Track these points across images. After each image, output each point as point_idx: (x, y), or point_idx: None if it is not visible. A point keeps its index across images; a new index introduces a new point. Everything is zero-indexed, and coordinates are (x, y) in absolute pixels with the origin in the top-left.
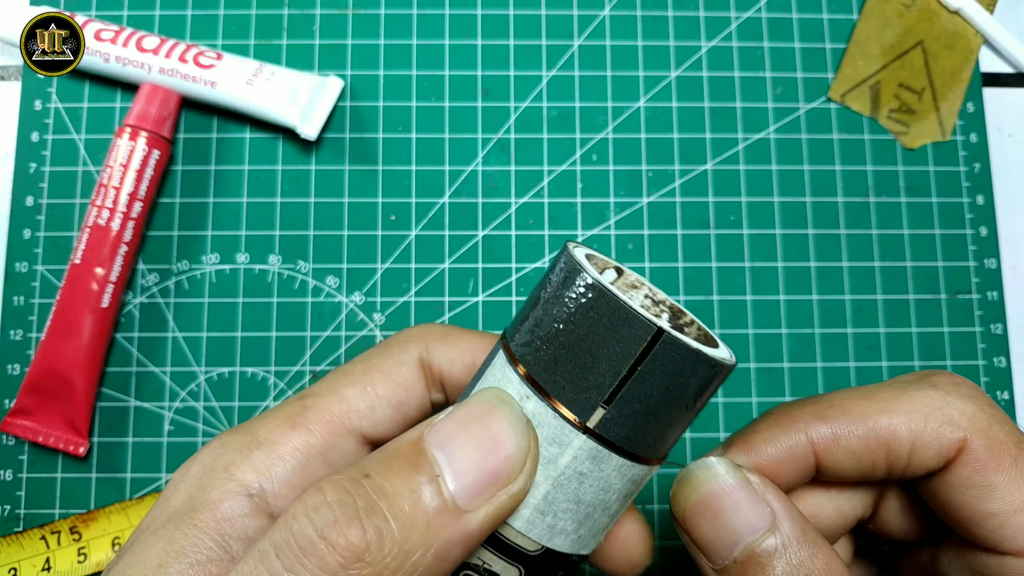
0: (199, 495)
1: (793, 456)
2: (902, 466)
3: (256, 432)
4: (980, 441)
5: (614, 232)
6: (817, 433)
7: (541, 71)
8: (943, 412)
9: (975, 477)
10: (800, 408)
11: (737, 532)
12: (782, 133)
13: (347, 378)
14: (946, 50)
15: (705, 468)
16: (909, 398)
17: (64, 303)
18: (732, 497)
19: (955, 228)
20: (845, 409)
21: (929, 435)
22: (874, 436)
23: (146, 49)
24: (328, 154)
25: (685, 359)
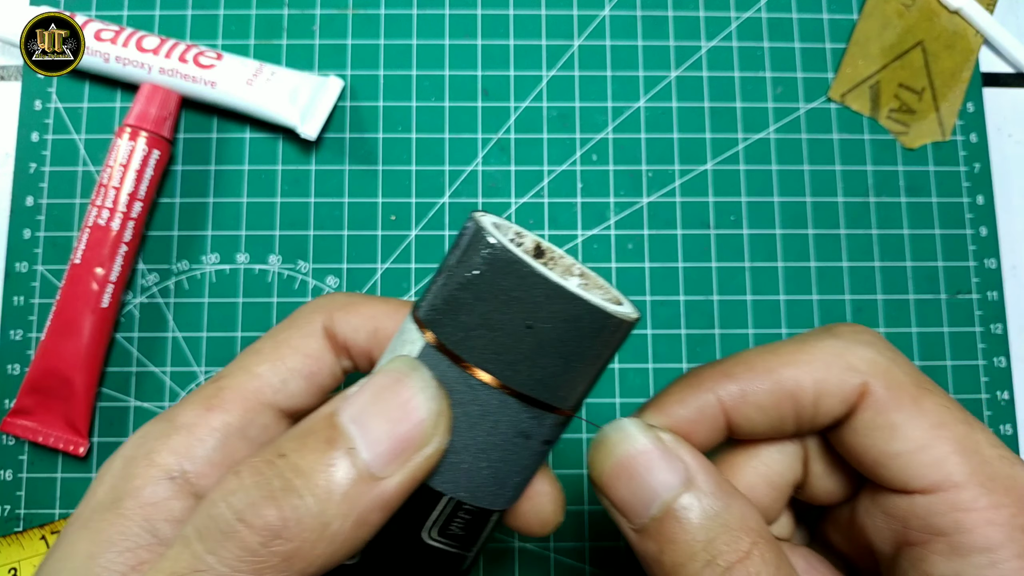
0: (122, 484)
1: (704, 415)
2: (810, 416)
3: (174, 418)
4: (880, 384)
5: (614, 232)
6: (725, 391)
7: (541, 71)
8: (843, 359)
9: (878, 419)
10: (709, 369)
11: (653, 490)
12: (782, 133)
13: (257, 356)
14: (946, 50)
15: (619, 430)
16: (811, 349)
17: (64, 303)
18: (646, 456)
19: (955, 228)
20: (751, 365)
21: (831, 382)
22: (779, 388)
23: (146, 49)
24: (328, 154)
25: (572, 306)
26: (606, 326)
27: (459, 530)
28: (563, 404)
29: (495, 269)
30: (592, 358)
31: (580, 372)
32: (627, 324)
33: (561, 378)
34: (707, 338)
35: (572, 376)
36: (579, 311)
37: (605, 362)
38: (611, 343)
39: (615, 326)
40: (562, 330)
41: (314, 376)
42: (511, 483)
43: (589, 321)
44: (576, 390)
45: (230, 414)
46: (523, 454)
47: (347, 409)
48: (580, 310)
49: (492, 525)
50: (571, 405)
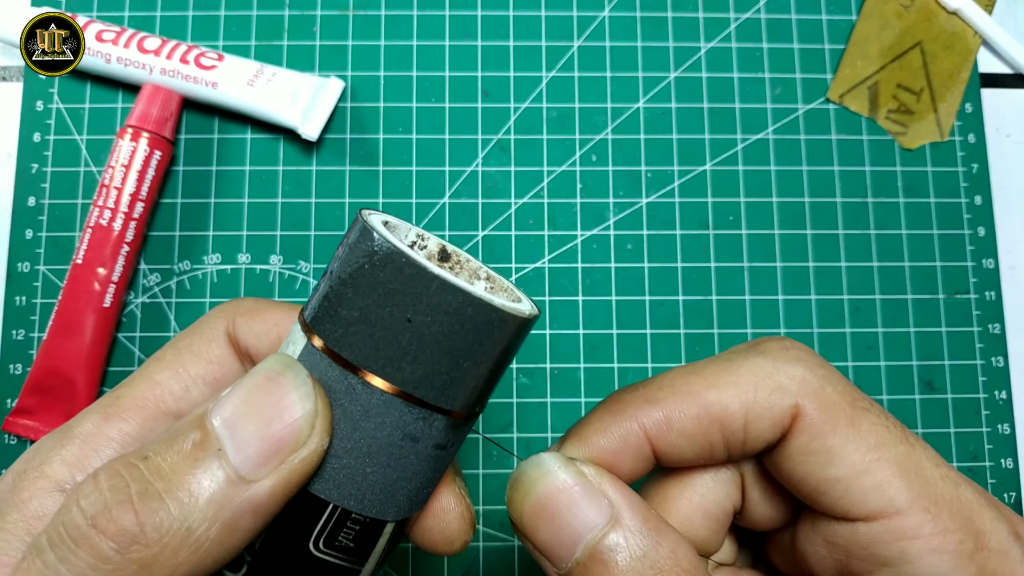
0: (9, 498)
1: (627, 444)
2: (739, 442)
3: (70, 429)
4: (812, 405)
5: (613, 232)
6: (648, 418)
7: (541, 72)
8: (772, 379)
9: (812, 443)
10: (631, 393)
11: (576, 531)
12: (781, 134)
13: (158, 363)
14: (944, 51)
15: (537, 466)
16: (737, 369)
17: (66, 303)
18: (567, 494)
19: (953, 228)
20: (675, 389)
21: (760, 405)
22: (705, 414)
23: (147, 50)
24: (329, 155)
25: (453, 298)
26: (491, 320)
27: (349, 542)
28: (452, 405)
29: (373, 262)
30: (481, 355)
31: (469, 371)
32: (517, 320)
33: (447, 376)
34: (706, 338)
35: (460, 375)
36: (461, 303)
37: (498, 361)
38: (500, 340)
39: (502, 320)
40: (445, 324)
41: (218, 383)
42: (403, 491)
43: (473, 314)
44: (466, 390)
45: (129, 423)
46: (413, 459)
47: (217, 410)
48: (462, 302)
49: (388, 537)
50: (462, 406)
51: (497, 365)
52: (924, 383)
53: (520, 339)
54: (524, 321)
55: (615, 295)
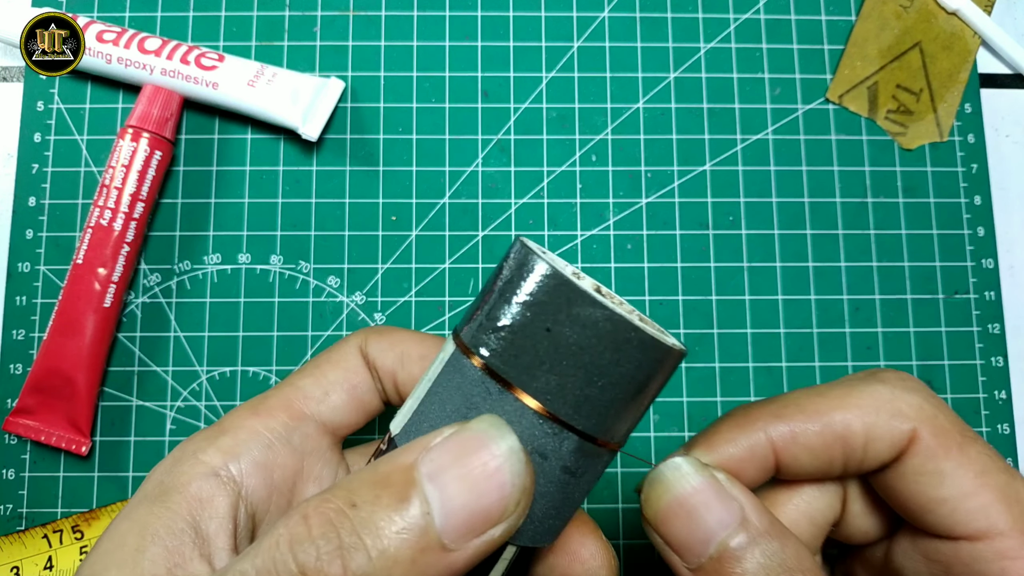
0: (169, 480)
1: (754, 455)
2: (858, 460)
3: (222, 423)
4: (928, 430)
5: (613, 232)
6: (776, 431)
7: (541, 72)
8: (892, 405)
9: (926, 465)
10: (759, 408)
11: (710, 529)
12: (780, 134)
13: (299, 374)
14: (944, 51)
15: (674, 468)
16: (860, 393)
17: (66, 303)
18: (702, 495)
19: (953, 228)
20: (801, 407)
21: (881, 427)
22: (830, 431)
23: (148, 50)
24: (329, 155)
25: (596, 313)
26: (630, 340)
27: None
28: (584, 425)
29: (547, 290)
30: (617, 376)
31: (604, 390)
32: (657, 345)
33: (581, 392)
34: (706, 337)
35: (594, 392)
36: (600, 317)
37: (636, 388)
38: (638, 364)
39: (641, 343)
40: (582, 336)
41: (355, 389)
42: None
43: (611, 330)
44: (599, 412)
45: (275, 419)
46: (540, 478)
47: (427, 464)
48: (601, 316)
49: (508, 564)
50: (595, 429)
51: (635, 392)
52: (924, 383)
53: (660, 370)
54: (665, 349)
55: None
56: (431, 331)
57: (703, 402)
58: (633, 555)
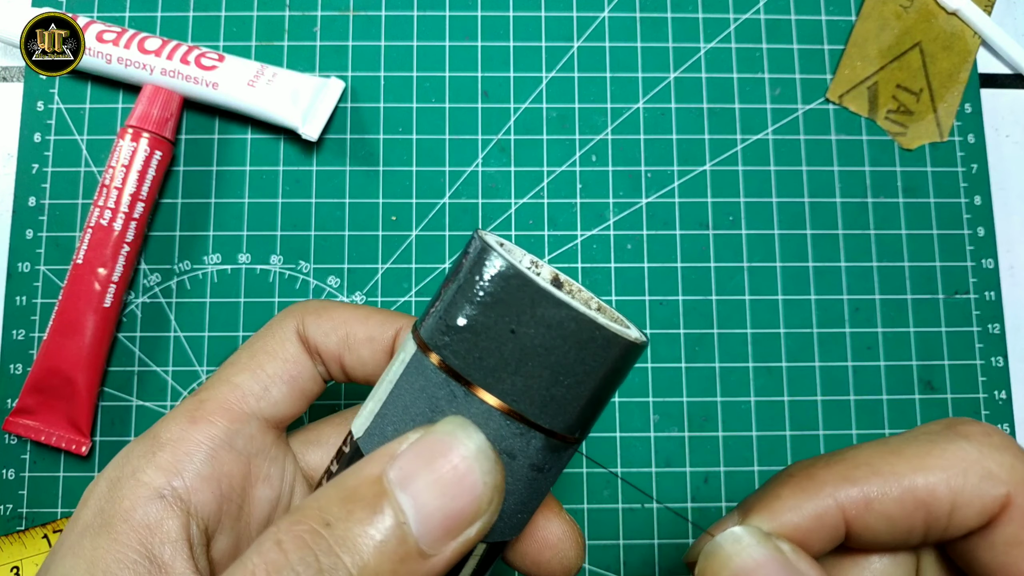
0: (110, 507)
1: (822, 523)
2: (941, 528)
3: (158, 435)
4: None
5: (613, 232)
6: (847, 496)
7: (541, 72)
8: (981, 466)
9: (1021, 534)
10: (825, 469)
11: None
12: (780, 134)
13: (235, 367)
14: (944, 51)
15: (735, 541)
16: (942, 452)
17: (66, 303)
18: (766, 569)
19: (953, 228)
20: (875, 468)
21: (970, 492)
22: (911, 497)
23: (148, 50)
24: (329, 155)
25: (560, 313)
26: (595, 338)
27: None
28: (551, 424)
29: (483, 275)
30: (582, 374)
31: (569, 389)
32: (620, 341)
33: (547, 392)
34: (706, 337)
35: (560, 392)
36: (564, 317)
37: (600, 384)
38: (603, 360)
39: (605, 340)
40: (547, 337)
41: (295, 380)
42: (519, 513)
43: (575, 330)
44: (565, 410)
45: (215, 426)
46: (508, 477)
47: (395, 471)
48: (565, 316)
49: (479, 560)
50: (561, 427)
51: (599, 388)
52: (924, 383)
53: (624, 364)
54: (628, 344)
55: (615, 295)
56: None
57: (703, 402)
58: (633, 554)
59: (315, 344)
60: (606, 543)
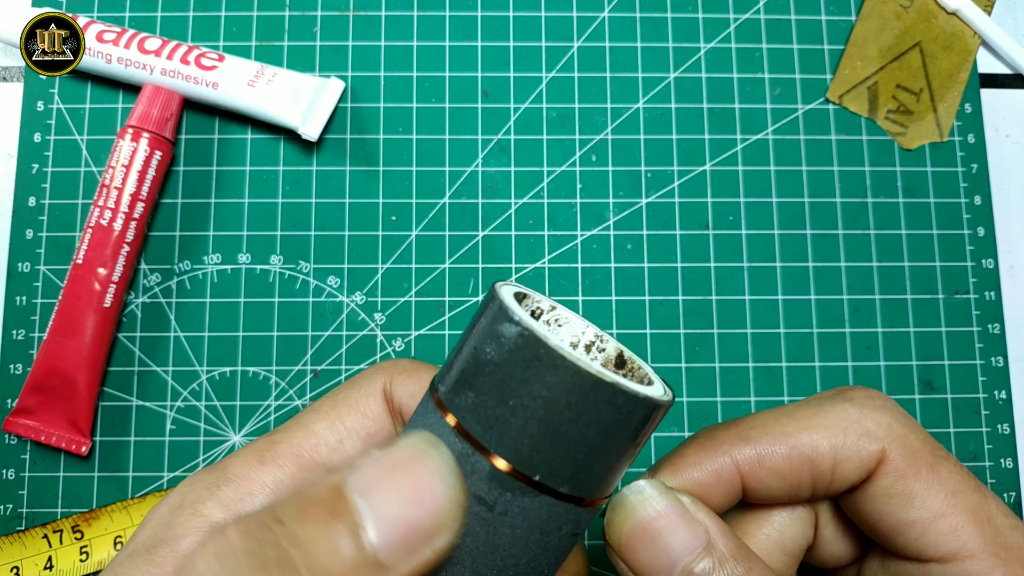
0: (162, 531)
1: (720, 479)
2: (826, 482)
3: (225, 469)
4: (898, 451)
5: (613, 232)
6: (741, 455)
7: (541, 72)
8: (861, 425)
9: (896, 486)
10: (724, 431)
11: (675, 553)
12: (780, 134)
13: (315, 414)
14: (944, 51)
15: (638, 492)
16: (827, 414)
17: (66, 303)
18: (667, 519)
19: (953, 228)
20: (767, 429)
21: (849, 448)
22: (797, 454)
23: (148, 50)
24: (329, 155)
25: (615, 399)
26: (654, 414)
27: None
28: (601, 494)
29: (509, 345)
30: (638, 446)
31: (621, 460)
32: (660, 408)
33: (599, 471)
34: (706, 337)
35: (611, 467)
36: (621, 400)
37: (630, 451)
38: (638, 428)
39: (662, 412)
40: (603, 419)
41: (372, 438)
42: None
43: (637, 414)
44: (612, 479)
45: (283, 470)
46: (552, 555)
47: (356, 480)
48: (622, 399)
49: None
50: (607, 494)
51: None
52: (924, 383)
53: (650, 426)
54: (668, 407)
55: (615, 295)
56: (430, 331)
57: (703, 402)
58: None
59: (399, 405)
60: None
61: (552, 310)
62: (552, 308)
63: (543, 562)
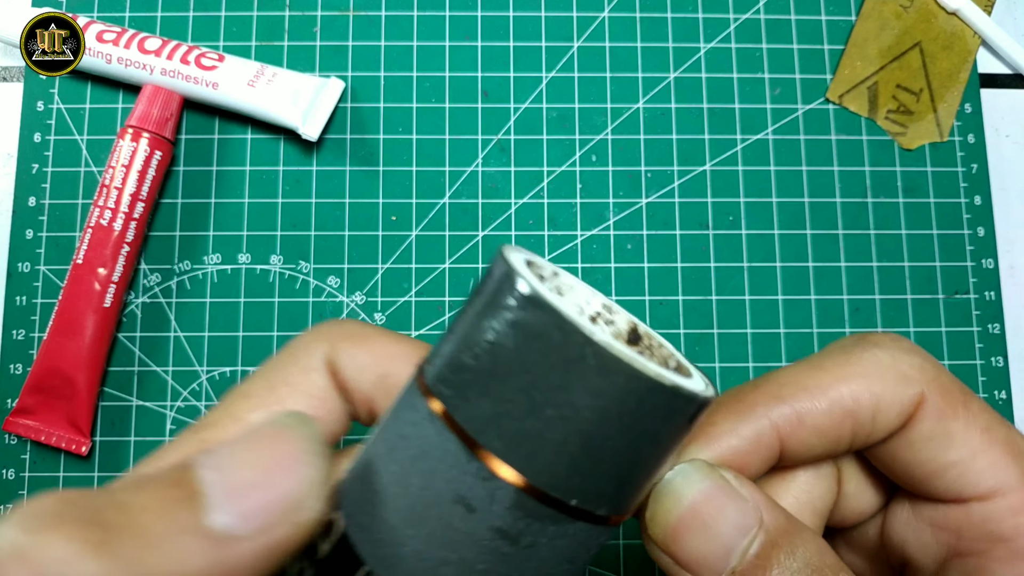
0: None
1: (759, 444)
2: (866, 433)
3: (161, 456)
4: (935, 392)
5: (613, 232)
6: (779, 415)
7: (541, 72)
8: (897, 369)
9: (936, 428)
10: (753, 392)
11: (730, 538)
12: (780, 134)
13: (247, 400)
14: (944, 51)
15: (685, 476)
16: (860, 361)
17: (66, 303)
18: (715, 500)
19: (953, 228)
20: (802, 385)
21: (889, 395)
22: (839, 408)
23: (148, 50)
24: (329, 155)
25: (644, 390)
26: (695, 409)
27: None
28: (622, 511)
29: (560, 353)
30: (665, 455)
31: (649, 469)
32: (706, 401)
33: (623, 478)
34: (706, 337)
35: (639, 476)
36: (680, 403)
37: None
38: (686, 430)
39: (701, 408)
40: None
41: (320, 422)
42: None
43: (653, 402)
44: (640, 492)
45: None
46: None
47: (208, 456)
48: (681, 402)
49: None
50: (628, 510)
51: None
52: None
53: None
54: (707, 403)
55: (615, 295)
56: (431, 332)
57: None
58: (633, 554)
59: (345, 380)
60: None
61: (555, 276)
62: (555, 274)
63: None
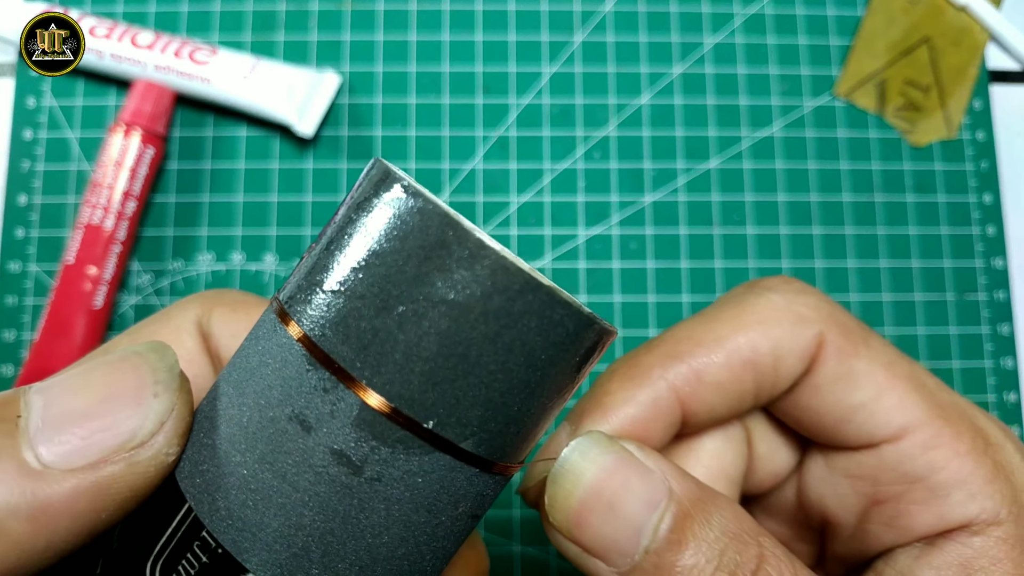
0: None
1: (658, 409)
2: (770, 384)
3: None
4: (834, 330)
5: (616, 231)
6: (676, 375)
7: (542, 67)
8: (792, 311)
9: (839, 368)
10: (647, 353)
11: (639, 515)
12: (787, 130)
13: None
14: (953, 47)
15: (580, 452)
16: (755, 308)
17: (57, 303)
18: (619, 476)
19: (962, 227)
20: (697, 340)
21: (789, 339)
22: (737, 359)
23: (141, 45)
24: (325, 151)
25: (532, 295)
26: (600, 339)
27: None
28: (515, 458)
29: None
30: (551, 386)
31: (543, 403)
32: (608, 336)
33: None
34: None
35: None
36: (560, 314)
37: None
38: (579, 361)
39: (604, 337)
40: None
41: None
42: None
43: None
44: (533, 436)
45: None
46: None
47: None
48: (561, 313)
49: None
50: (522, 458)
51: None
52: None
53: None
54: (601, 331)
55: (618, 295)
56: None
57: None
58: None
59: (218, 346)
60: None
61: None
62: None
63: (427, 554)
